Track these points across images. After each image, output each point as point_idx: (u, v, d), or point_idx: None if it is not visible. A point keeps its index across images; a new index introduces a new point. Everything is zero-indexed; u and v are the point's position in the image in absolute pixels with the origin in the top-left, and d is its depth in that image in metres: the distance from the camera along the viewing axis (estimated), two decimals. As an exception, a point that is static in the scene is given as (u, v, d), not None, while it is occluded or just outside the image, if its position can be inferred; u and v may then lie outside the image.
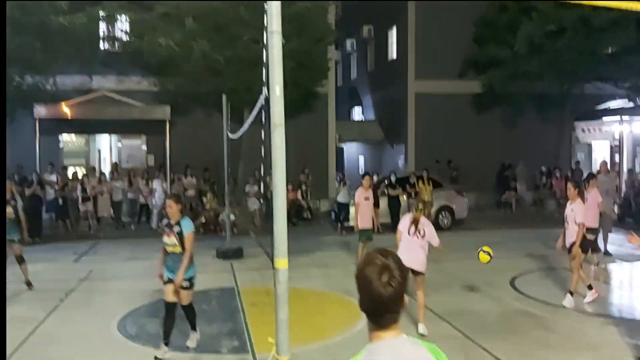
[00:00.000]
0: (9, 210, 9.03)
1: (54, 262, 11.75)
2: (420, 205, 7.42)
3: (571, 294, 8.17)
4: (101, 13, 15.56)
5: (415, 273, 7.13)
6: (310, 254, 12.08)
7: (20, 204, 9.53)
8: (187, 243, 6.08)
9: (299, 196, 17.32)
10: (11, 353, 6.41)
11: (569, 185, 8.39)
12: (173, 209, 6.14)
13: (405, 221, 7.38)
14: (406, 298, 1.92)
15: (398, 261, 1.93)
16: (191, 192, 16.59)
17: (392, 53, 22.81)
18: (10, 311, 8.00)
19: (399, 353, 1.88)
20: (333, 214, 16.21)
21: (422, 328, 7.14)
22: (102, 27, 16.85)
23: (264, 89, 5.25)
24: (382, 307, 1.88)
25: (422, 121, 20.42)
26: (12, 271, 9.31)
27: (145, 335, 7.14)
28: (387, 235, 14.27)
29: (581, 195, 8.47)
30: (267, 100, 4.76)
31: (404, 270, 1.91)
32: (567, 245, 8.18)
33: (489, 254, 7.46)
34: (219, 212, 15.41)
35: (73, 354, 6.56)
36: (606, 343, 6.73)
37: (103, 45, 17.69)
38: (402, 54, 21.50)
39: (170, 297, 6.18)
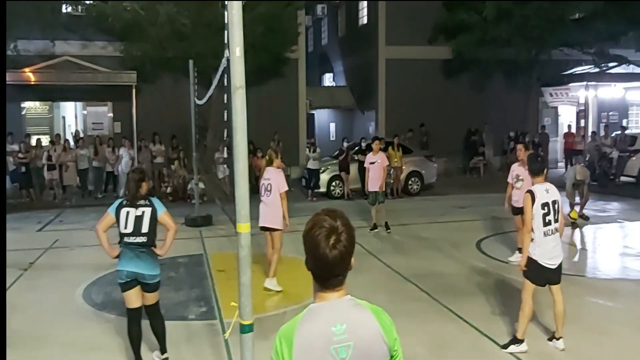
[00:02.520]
0: None
1: (17, 232, 11.53)
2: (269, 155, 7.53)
3: (519, 250, 8.41)
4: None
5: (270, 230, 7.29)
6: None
7: None
8: (169, 222, 5.05)
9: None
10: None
11: (519, 146, 8.61)
12: (144, 187, 5.08)
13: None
14: (353, 260, 1.92)
15: (346, 223, 1.91)
16: (159, 160, 16.35)
17: (363, 18, 22.55)
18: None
19: (340, 313, 1.87)
20: (304, 181, 16.21)
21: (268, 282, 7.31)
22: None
23: (226, 51, 5.12)
24: (327, 269, 1.87)
25: (393, 87, 20.37)
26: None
27: (110, 302, 7.08)
28: (358, 201, 14.42)
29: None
30: (229, 62, 4.64)
31: (351, 233, 1.90)
32: (517, 205, 8.12)
33: None
34: (187, 179, 15.25)
35: (36, 323, 6.49)
36: (565, 301, 6.92)
37: (66, 9, 17.07)
38: (373, 20, 21.27)
39: (135, 302, 5.06)
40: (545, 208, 5.28)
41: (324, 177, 15.51)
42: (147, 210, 4.93)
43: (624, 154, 16.85)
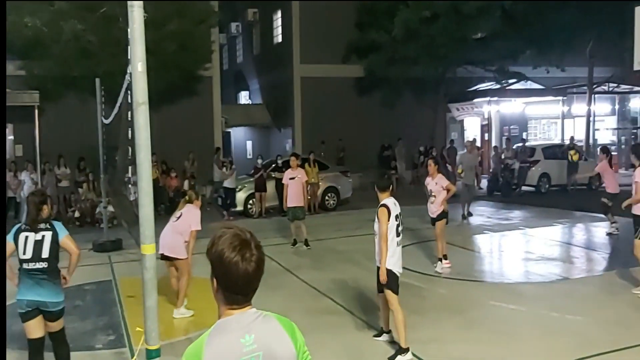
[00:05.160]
0: None
1: None
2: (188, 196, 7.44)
3: (440, 260, 8.88)
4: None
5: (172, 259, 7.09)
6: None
7: None
8: (71, 246, 4.78)
9: (185, 183, 16.83)
10: None
11: (430, 161, 9.14)
12: (45, 211, 4.79)
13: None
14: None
15: (253, 237, 1.91)
16: (65, 183, 15.53)
17: (278, 37, 22.75)
18: None
19: (247, 325, 1.86)
20: (220, 200, 15.96)
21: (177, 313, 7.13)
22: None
23: (129, 67, 4.97)
24: (246, 284, 1.86)
25: (308, 104, 20.63)
26: None
27: (8, 337, 6.57)
28: (275, 218, 14.37)
29: (440, 170, 9.40)
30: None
31: (260, 246, 1.90)
32: (434, 215, 8.79)
33: None
34: (95, 203, 14.58)
35: None
36: (472, 306, 7.23)
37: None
38: (287, 38, 21.50)
39: (37, 332, 4.74)
40: (397, 220, 5.63)
41: (241, 196, 15.35)
42: (48, 234, 4.66)
43: (524, 164, 17.95)
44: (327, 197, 16.03)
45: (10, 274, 4.80)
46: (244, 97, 27.52)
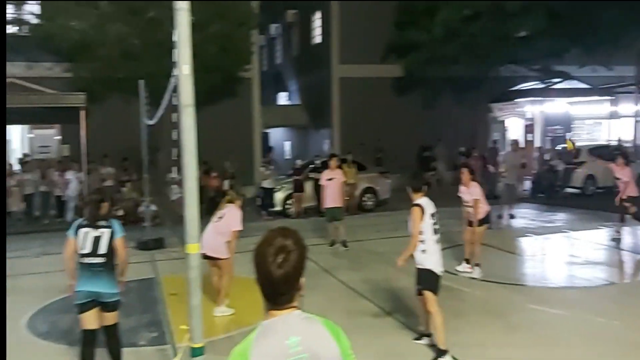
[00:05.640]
0: None
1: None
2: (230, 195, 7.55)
3: (467, 261, 8.79)
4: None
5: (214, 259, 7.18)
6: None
7: None
8: (121, 251, 5.05)
9: (225, 184, 17.06)
10: None
11: (463, 170, 8.94)
12: (104, 208, 5.10)
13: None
14: (303, 279, 1.91)
15: (298, 242, 1.91)
16: (109, 182, 15.93)
17: (317, 38, 22.81)
18: None
19: (292, 327, 1.88)
20: (260, 200, 16.11)
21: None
22: (9, 9, 15.76)
23: (175, 69, 5.07)
24: (273, 287, 1.88)
25: (347, 105, 20.61)
26: None
27: (56, 332, 6.81)
28: (313, 218, 14.40)
29: (476, 179, 9.16)
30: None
31: (302, 252, 1.90)
32: (476, 219, 8.65)
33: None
34: (138, 202, 14.91)
35: (-24, 356, 6.15)
36: (513, 309, 7.08)
37: (10, 29, 16.57)
38: (326, 39, 21.54)
39: (92, 324, 5.00)
40: (433, 218, 5.59)
41: (279, 196, 15.46)
42: (107, 232, 4.95)
43: (569, 166, 17.47)
44: (365, 198, 15.97)
45: (71, 274, 5.02)
46: (282, 98, 27.70)
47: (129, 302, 7.95)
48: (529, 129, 21.91)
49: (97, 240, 4.88)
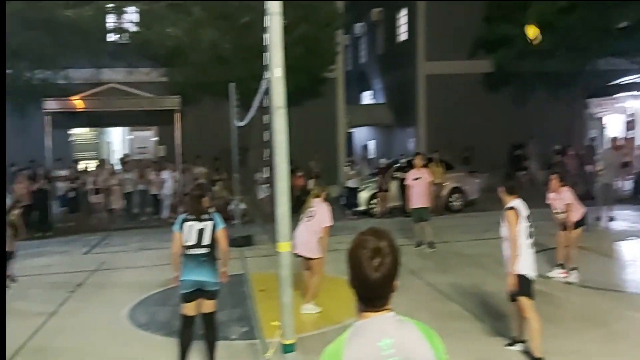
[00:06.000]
0: (17, 212, 9.10)
1: (65, 255, 11.88)
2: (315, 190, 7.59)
3: (561, 266, 8.36)
4: (108, 5, 15.56)
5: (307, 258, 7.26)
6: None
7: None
8: (223, 241, 5.39)
9: (310, 183, 17.30)
10: (21, 345, 6.48)
11: (553, 177, 8.46)
12: (205, 203, 5.49)
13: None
14: (397, 282, 1.90)
15: (392, 245, 1.90)
16: (201, 181, 16.61)
17: (402, 35, 22.58)
18: (21, 305, 8.16)
19: (385, 329, 1.86)
20: (345, 199, 16.18)
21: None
22: (110, 18, 16.84)
23: (266, 72, 5.21)
24: (370, 290, 1.88)
25: (433, 103, 20.22)
26: (20, 266, 9.44)
27: (155, 323, 7.20)
28: (398, 218, 14.26)
29: (566, 183, 8.65)
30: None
31: (396, 255, 1.89)
32: (571, 222, 8.24)
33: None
34: (228, 200, 15.44)
35: (82, 344, 6.63)
36: (613, 317, 6.65)
37: (111, 37, 17.70)
38: (412, 36, 21.27)
39: (192, 311, 5.36)
40: (528, 221, 5.39)
41: (364, 195, 15.44)
42: (209, 224, 5.28)
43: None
44: (452, 198, 15.61)
45: (177, 268, 5.31)
46: (366, 97, 27.66)
47: (220, 296, 8.26)
48: (630, 125, 20.46)
49: (201, 232, 5.20)
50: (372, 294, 1.88)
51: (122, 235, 14.16)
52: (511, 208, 5.39)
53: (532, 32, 6.52)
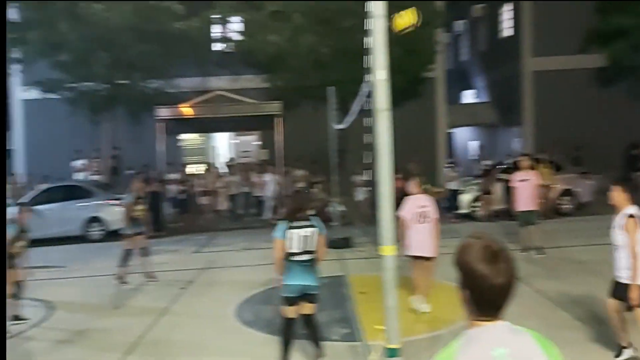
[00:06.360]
0: (142, 207, 9.75)
1: (176, 254, 12.58)
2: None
3: None
4: (214, 16, 16.32)
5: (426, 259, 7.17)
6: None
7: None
8: (322, 248, 5.48)
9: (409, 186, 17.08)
10: (140, 337, 6.95)
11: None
12: (309, 209, 5.73)
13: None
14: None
15: (506, 249, 1.85)
16: (301, 184, 16.96)
17: (505, 30, 21.71)
18: (137, 300, 8.75)
19: (498, 338, 1.79)
20: (447, 202, 15.80)
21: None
22: (216, 29, 17.67)
23: (369, 75, 5.21)
24: (492, 296, 1.81)
25: (540, 100, 19.26)
26: (137, 263, 10.11)
27: (260, 321, 7.42)
28: (502, 222, 13.69)
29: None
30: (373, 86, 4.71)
31: (513, 258, 1.84)
32: None
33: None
34: (326, 202, 15.61)
35: (194, 337, 6.99)
36: None
37: (217, 47, 18.57)
38: (517, 31, 20.39)
39: (294, 314, 5.53)
40: None
41: (466, 198, 14.99)
42: (313, 231, 5.39)
43: None
44: (562, 201, 14.74)
45: (280, 270, 5.45)
46: (467, 96, 26.87)
47: (321, 297, 8.38)
48: None
49: (305, 239, 5.31)
50: (494, 301, 1.81)
51: (228, 236, 14.78)
52: (631, 216, 5.01)
53: (404, 21, 5.45)
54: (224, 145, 21.21)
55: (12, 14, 15.99)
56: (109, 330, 7.45)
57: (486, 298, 1.80)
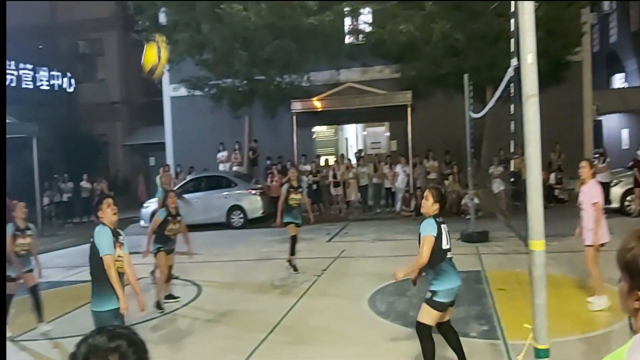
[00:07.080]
0: (299, 196, 9.96)
1: (311, 242, 12.93)
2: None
3: None
4: (346, 9, 16.48)
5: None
6: (563, 239, 11.07)
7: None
8: (423, 247, 4.79)
9: (551, 177, 16.03)
10: (278, 321, 7.23)
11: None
12: (429, 201, 4.95)
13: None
14: None
15: None
16: (433, 175, 16.62)
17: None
18: (277, 285, 9.17)
19: None
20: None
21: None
22: (347, 22, 17.85)
23: (513, 60, 4.92)
24: None
25: None
26: (274, 249, 10.54)
27: (393, 312, 7.38)
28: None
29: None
30: (517, 71, 4.43)
31: None
32: None
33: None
34: (461, 195, 15.14)
35: (331, 324, 7.12)
36: None
37: (348, 40, 18.75)
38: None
39: (438, 320, 4.97)
40: None
41: (616, 191, 13.72)
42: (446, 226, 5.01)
43: None
44: None
45: (419, 266, 4.87)
46: (618, 81, 24.55)
47: (458, 292, 8.15)
48: None
49: (448, 234, 4.94)
50: None
51: (359, 226, 14.91)
52: None
53: (147, 59, 3.95)
54: (354, 137, 21.42)
55: (161, 17, 17.41)
56: (251, 311, 7.86)
57: None
